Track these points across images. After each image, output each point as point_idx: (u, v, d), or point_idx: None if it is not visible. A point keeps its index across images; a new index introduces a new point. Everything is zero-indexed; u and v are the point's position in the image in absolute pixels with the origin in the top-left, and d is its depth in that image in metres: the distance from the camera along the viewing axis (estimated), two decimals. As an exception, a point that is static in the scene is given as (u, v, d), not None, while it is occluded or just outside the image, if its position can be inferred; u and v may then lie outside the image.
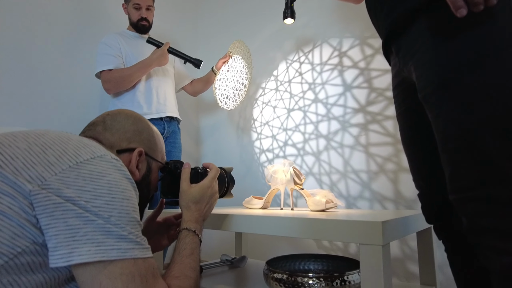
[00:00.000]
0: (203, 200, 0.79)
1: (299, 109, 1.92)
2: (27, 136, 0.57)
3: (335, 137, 1.73)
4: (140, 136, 0.76)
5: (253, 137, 2.18)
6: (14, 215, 0.48)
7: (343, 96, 1.73)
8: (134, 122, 0.77)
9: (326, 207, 0.96)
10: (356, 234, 0.71)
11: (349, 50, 1.73)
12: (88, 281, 0.51)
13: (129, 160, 0.72)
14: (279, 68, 2.07)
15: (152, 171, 0.79)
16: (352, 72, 1.70)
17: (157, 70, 1.79)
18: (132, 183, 0.61)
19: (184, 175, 0.81)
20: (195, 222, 0.76)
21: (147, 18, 1.77)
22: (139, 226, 0.59)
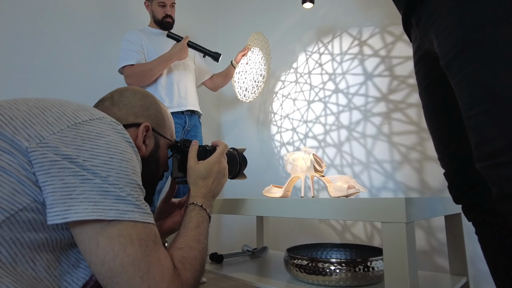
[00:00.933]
0: (210, 176, 0.78)
1: (320, 100, 1.90)
2: (27, 100, 0.58)
3: (357, 127, 1.71)
4: (147, 111, 0.76)
5: (273, 131, 2.18)
6: (13, 171, 0.49)
7: (364, 85, 1.70)
8: (141, 97, 0.78)
9: (348, 193, 0.93)
10: (378, 212, 0.67)
11: (369, 38, 1.70)
12: (85, 241, 0.51)
13: (135, 135, 0.72)
14: (298, 60, 2.06)
15: (160, 148, 0.78)
16: (373, 61, 1.67)
17: (178, 65, 1.82)
18: (133, 147, 0.60)
19: (191, 152, 0.80)
20: (202, 197, 0.76)
21: (171, 15, 1.83)
22: (140, 190, 0.57)
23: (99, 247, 0.50)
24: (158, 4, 1.81)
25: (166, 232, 0.85)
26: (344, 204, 0.74)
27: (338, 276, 0.87)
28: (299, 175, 1.08)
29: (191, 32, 2.34)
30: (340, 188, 0.94)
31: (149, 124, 0.74)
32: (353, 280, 0.86)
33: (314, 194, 1.13)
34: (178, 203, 0.93)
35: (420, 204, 0.73)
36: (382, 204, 0.67)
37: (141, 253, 0.52)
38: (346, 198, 0.86)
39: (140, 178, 0.59)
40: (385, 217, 0.66)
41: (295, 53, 2.09)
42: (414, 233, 0.68)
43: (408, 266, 0.63)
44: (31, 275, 0.49)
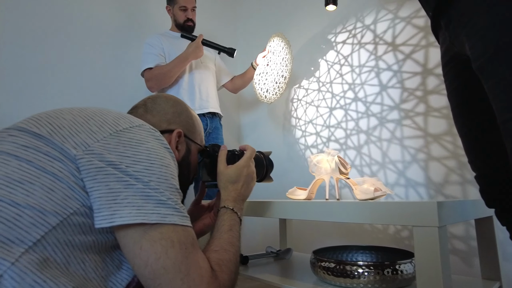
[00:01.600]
0: (239, 179, 0.79)
1: (341, 107, 2.06)
2: (71, 110, 0.61)
3: (374, 132, 1.88)
4: (179, 117, 0.79)
5: (298, 135, 2.34)
6: (64, 178, 0.52)
7: (380, 95, 1.87)
8: (173, 104, 0.80)
9: (375, 196, 0.90)
10: (409, 216, 0.65)
11: (383, 55, 1.86)
12: (129, 244, 0.53)
13: (169, 141, 0.75)
14: (321, 70, 2.21)
15: (191, 153, 0.81)
16: (387, 74, 1.83)
17: (199, 67, 1.85)
18: (171, 153, 0.62)
19: (220, 157, 0.81)
20: (232, 201, 0.77)
21: (192, 18, 1.86)
22: (178, 194, 0.59)
23: (142, 250, 0.52)
24: (179, 8, 1.83)
25: (197, 234, 0.87)
26: (374, 207, 0.72)
27: (366, 279, 0.85)
28: (324, 177, 1.07)
29: (211, 35, 2.40)
30: (367, 191, 0.92)
31: (181, 130, 0.77)
32: (381, 283, 0.85)
33: (339, 197, 1.19)
34: (208, 206, 0.95)
35: (451, 207, 0.71)
36: (413, 207, 0.65)
37: (181, 256, 0.54)
38: (373, 201, 0.85)
39: (177, 182, 0.61)
40: (417, 221, 0.64)
41: (317, 63, 2.22)
42: (446, 237, 0.66)
43: (442, 270, 0.61)
44: (82, 275, 0.51)
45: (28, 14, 1.78)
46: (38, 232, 0.48)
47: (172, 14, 1.89)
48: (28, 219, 0.48)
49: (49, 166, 0.52)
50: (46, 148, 0.53)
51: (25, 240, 0.47)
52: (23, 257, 0.45)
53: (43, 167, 0.51)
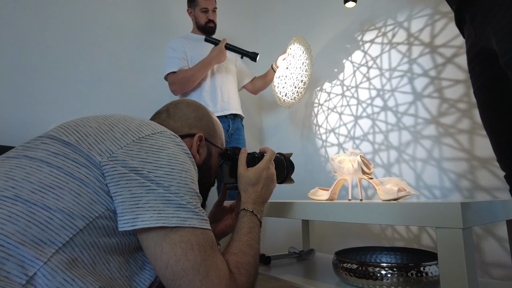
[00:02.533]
0: (259, 182, 0.83)
1: (367, 116, 1.94)
2: (97, 118, 0.67)
3: (407, 149, 1.73)
4: (200, 122, 0.84)
5: (318, 144, 2.22)
6: (90, 183, 0.57)
7: (413, 105, 1.73)
8: (194, 109, 0.86)
9: (399, 196, 0.90)
10: (432, 217, 0.65)
11: (418, 57, 1.74)
12: (151, 246, 0.57)
13: (190, 145, 0.79)
14: (345, 72, 2.11)
15: (212, 156, 0.85)
16: (422, 81, 1.70)
17: (220, 69, 1.92)
18: (190, 158, 0.67)
19: (241, 160, 0.86)
20: (252, 203, 0.81)
21: (213, 20, 1.93)
22: (198, 197, 0.63)
23: (163, 252, 0.56)
24: (200, 10, 1.90)
25: (219, 235, 0.93)
26: (395, 208, 0.73)
27: (390, 280, 0.86)
28: (346, 177, 1.09)
29: (232, 36, 2.42)
30: (390, 191, 0.92)
31: (202, 134, 0.82)
32: (405, 285, 0.85)
33: (362, 197, 1.14)
34: (229, 207, 1.00)
35: (478, 208, 0.70)
36: (436, 208, 0.66)
37: (201, 258, 0.58)
38: (397, 201, 0.86)
39: (197, 186, 0.65)
40: (440, 222, 0.65)
41: (341, 64, 2.13)
42: (472, 239, 0.65)
43: (467, 274, 0.61)
44: (107, 275, 0.56)
45: (52, 19, 1.88)
46: (67, 234, 0.53)
47: (193, 16, 1.97)
48: (58, 222, 0.53)
49: (76, 172, 0.57)
50: (74, 155, 0.58)
51: (56, 242, 0.52)
52: (54, 257, 0.51)
53: (71, 173, 0.57)
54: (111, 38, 2.05)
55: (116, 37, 2.07)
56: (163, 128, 0.69)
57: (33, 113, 1.77)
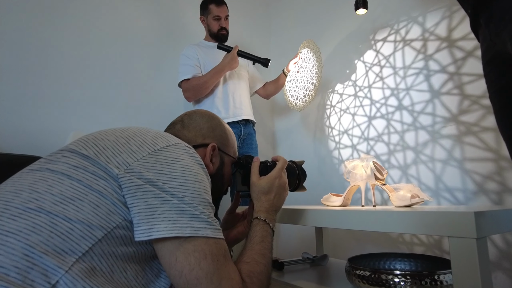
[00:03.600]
0: (271, 190, 0.84)
1: (382, 117, 1.89)
2: (114, 131, 0.71)
3: (425, 149, 1.66)
4: (213, 132, 0.87)
5: (331, 147, 2.18)
6: (108, 195, 0.59)
7: (431, 103, 1.67)
8: (208, 120, 0.89)
9: (412, 202, 0.91)
10: (445, 226, 0.64)
11: (435, 53, 1.68)
12: (166, 255, 0.59)
13: (204, 154, 0.83)
14: (357, 72, 2.07)
15: (225, 165, 0.88)
16: (440, 77, 1.63)
17: (232, 76, 1.96)
18: (204, 169, 0.70)
19: (253, 168, 0.87)
20: (265, 212, 0.82)
21: (225, 27, 1.97)
22: (211, 207, 0.65)
23: (177, 261, 0.59)
24: (213, 18, 1.94)
25: (232, 241, 0.95)
26: (408, 216, 0.73)
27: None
28: (359, 183, 1.08)
29: (244, 42, 2.47)
30: (403, 198, 0.92)
31: (215, 144, 0.85)
32: None
33: (375, 204, 1.12)
34: (242, 214, 1.02)
35: (494, 217, 0.68)
36: (449, 217, 0.64)
37: (214, 267, 0.59)
38: (410, 208, 0.86)
39: (210, 196, 0.67)
40: (453, 231, 0.63)
41: (353, 64, 2.09)
42: (487, 249, 0.63)
43: (482, 285, 0.59)
44: (124, 283, 0.59)
45: (67, 27, 1.91)
46: (87, 244, 0.55)
47: (206, 24, 2.01)
48: (78, 232, 0.55)
49: (95, 185, 0.59)
50: (92, 168, 0.61)
51: (76, 251, 0.54)
52: (75, 266, 0.53)
53: (90, 185, 0.59)
54: (127, 46, 2.09)
55: (132, 45, 2.11)
56: (177, 140, 0.72)
57: (53, 122, 1.80)
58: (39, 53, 1.81)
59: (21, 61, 1.75)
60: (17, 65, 1.73)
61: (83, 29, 1.96)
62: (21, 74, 1.74)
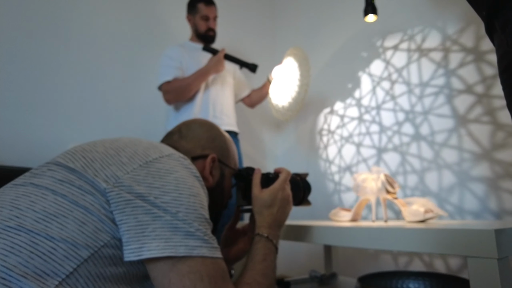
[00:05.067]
0: (274, 204, 0.88)
1: (395, 149, 1.68)
2: (104, 142, 0.73)
3: (450, 196, 1.46)
4: (213, 143, 0.92)
5: (329, 189, 1.96)
6: (95, 211, 0.61)
7: (455, 133, 1.47)
8: (207, 130, 0.94)
9: (425, 218, 0.97)
10: (462, 244, 0.67)
11: (459, 68, 1.52)
12: (158, 277, 0.61)
13: (203, 166, 0.86)
14: (362, 88, 1.90)
15: (225, 178, 0.93)
16: (466, 99, 1.46)
17: (216, 82, 2.04)
18: (200, 181, 0.72)
19: (255, 180, 0.91)
20: (268, 227, 0.85)
21: (213, 28, 2.07)
22: (208, 224, 0.68)
23: (171, 283, 0.61)
24: (201, 18, 2.06)
25: (232, 260, 0.98)
26: (421, 234, 0.76)
27: None
28: (369, 197, 1.15)
29: (248, 48, 2.52)
30: (416, 212, 0.98)
31: (215, 155, 0.89)
32: None
33: (387, 219, 1.15)
34: (243, 230, 1.04)
35: None
36: (467, 235, 0.67)
37: None
38: (424, 224, 0.90)
39: (207, 212, 0.70)
40: (472, 251, 0.65)
41: (356, 77, 1.93)
42: (509, 270, 0.65)
43: None
44: None
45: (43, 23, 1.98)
46: (71, 265, 0.58)
47: (192, 24, 2.11)
48: (62, 252, 0.58)
49: (81, 200, 0.63)
50: (79, 182, 0.64)
51: (59, 273, 0.57)
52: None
53: (76, 200, 0.62)
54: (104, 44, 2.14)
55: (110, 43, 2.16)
56: (171, 150, 0.75)
57: (50, 133, 1.90)
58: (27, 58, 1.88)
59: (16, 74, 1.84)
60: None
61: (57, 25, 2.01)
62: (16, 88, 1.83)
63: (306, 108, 2.22)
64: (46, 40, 1.96)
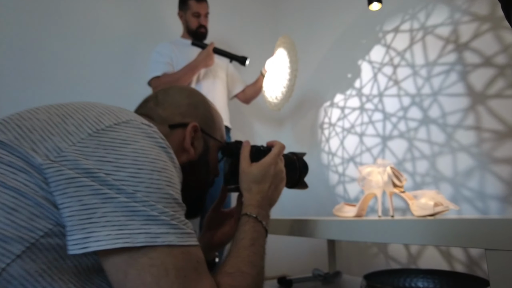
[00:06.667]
0: (265, 179, 0.73)
1: (401, 136, 1.33)
2: (49, 107, 0.55)
3: (468, 181, 1.12)
4: (195, 110, 0.73)
5: (333, 181, 1.64)
6: (30, 193, 0.46)
7: (472, 112, 1.13)
8: (188, 95, 0.75)
9: (435, 211, 0.85)
10: (479, 237, 0.56)
11: (473, 40, 1.14)
12: (112, 271, 0.46)
13: (182, 136, 0.70)
14: (362, 77, 1.55)
15: (210, 151, 0.75)
16: (484, 73, 1.11)
17: (208, 76, 1.91)
18: (169, 154, 0.54)
19: (243, 153, 0.75)
20: (257, 206, 0.70)
21: (205, 25, 1.95)
22: (178, 205, 0.51)
23: (127, 279, 0.46)
24: (192, 14, 1.93)
25: (216, 245, 0.82)
26: (433, 226, 0.64)
27: None
28: (375, 191, 1.05)
29: (252, 43, 2.31)
30: (425, 206, 0.90)
31: (198, 124, 0.71)
32: None
33: (393, 214, 1.00)
34: (229, 212, 0.89)
35: None
36: (485, 225, 0.56)
37: (179, 286, 0.47)
38: (433, 217, 0.80)
39: (178, 191, 0.53)
40: (490, 243, 0.56)
41: (356, 66, 1.58)
42: None
43: None
44: None
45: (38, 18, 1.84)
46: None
47: (184, 20, 1.98)
48: None
49: (11, 180, 0.45)
50: (9, 158, 0.47)
51: None
52: None
53: (3, 182, 0.45)
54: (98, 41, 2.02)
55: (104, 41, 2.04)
56: (132, 116, 0.57)
57: None
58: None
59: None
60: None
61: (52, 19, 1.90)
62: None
63: (305, 104, 1.87)
64: (43, 37, 1.80)
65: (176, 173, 0.54)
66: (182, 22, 1.99)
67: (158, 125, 0.59)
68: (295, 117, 2.02)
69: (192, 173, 0.62)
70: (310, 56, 1.85)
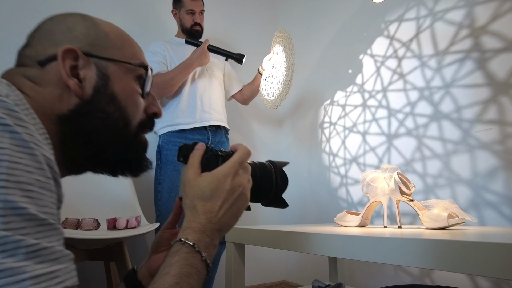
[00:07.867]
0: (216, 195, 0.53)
1: (408, 133, 1.09)
2: None
3: (492, 183, 0.87)
4: (71, 33, 0.52)
5: (335, 183, 1.39)
6: None
7: (492, 104, 0.88)
8: (62, 20, 0.54)
9: (449, 224, 0.77)
10: (492, 263, 0.43)
11: (491, 22, 0.90)
12: None
13: (57, 72, 0.49)
14: (364, 72, 1.31)
15: (111, 78, 0.53)
16: (506, 60, 0.87)
17: (203, 75, 1.79)
18: (17, 134, 0.34)
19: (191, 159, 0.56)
20: (198, 231, 0.50)
21: (200, 23, 1.85)
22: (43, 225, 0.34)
23: None
24: (186, 12, 1.86)
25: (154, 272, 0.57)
26: (451, 248, 0.51)
27: None
28: (380, 199, 0.96)
29: (250, 40, 2.16)
30: (438, 217, 0.82)
31: (76, 46, 0.49)
32: None
33: (400, 224, 0.88)
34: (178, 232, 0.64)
35: None
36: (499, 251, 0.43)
37: None
38: (450, 235, 0.66)
39: (42, 197, 0.33)
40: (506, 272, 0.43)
41: (357, 61, 1.34)
42: None
43: None
44: None
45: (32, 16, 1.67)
46: None
47: (178, 18, 1.89)
48: None
49: None
50: None
51: None
52: None
53: None
54: None
55: None
56: None
57: None
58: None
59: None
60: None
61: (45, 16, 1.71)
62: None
63: (304, 103, 1.64)
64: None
65: (36, 164, 0.35)
66: (177, 20, 1.92)
67: (29, 71, 0.44)
68: (295, 116, 1.78)
69: (93, 117, 0.44)
70: (309, 52, 1.59)
